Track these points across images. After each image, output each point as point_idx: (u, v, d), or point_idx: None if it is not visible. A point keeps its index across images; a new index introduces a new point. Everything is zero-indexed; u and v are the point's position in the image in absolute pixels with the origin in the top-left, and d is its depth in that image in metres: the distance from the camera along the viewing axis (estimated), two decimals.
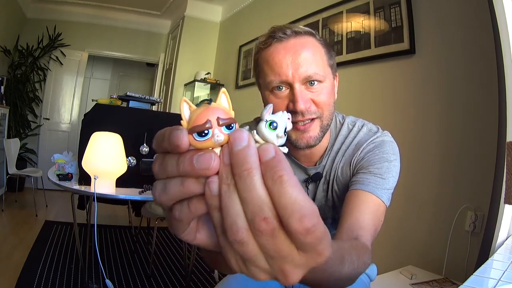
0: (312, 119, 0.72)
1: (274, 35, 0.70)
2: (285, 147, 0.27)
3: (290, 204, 0.23)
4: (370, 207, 0.68)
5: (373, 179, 0.72)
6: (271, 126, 0.26)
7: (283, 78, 0.70)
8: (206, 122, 0.24)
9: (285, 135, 0.26)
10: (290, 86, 0.70)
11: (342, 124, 0.85)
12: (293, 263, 0.25)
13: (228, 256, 0.27)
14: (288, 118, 0.27)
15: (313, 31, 0.74)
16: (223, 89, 0.27)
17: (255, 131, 0.26)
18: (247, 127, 0.26)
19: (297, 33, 0.71)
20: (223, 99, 0.27)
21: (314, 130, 0.73)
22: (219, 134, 0.24)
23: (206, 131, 0.24)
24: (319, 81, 0.72)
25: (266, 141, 0.26)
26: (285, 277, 0.26)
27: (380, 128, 0.84)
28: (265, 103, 0.74)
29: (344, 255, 0.47)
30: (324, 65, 0.73)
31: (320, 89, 0.72)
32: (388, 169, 0.75)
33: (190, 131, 0.25)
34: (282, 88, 0.71)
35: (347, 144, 0.81)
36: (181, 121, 0.26)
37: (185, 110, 0.26)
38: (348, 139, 0.81)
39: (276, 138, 0.26)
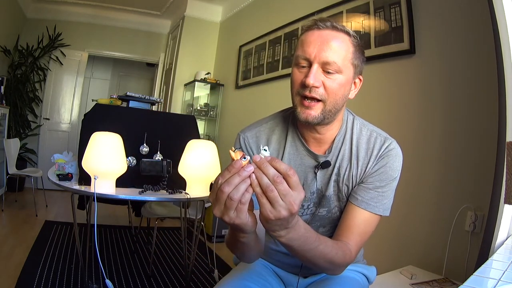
0: (317, 101, 0.81)
1: (316, 23, 0.81)
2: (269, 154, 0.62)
3: (284, 168, 0.58)
4: (362, 225, 0.85)
5: (376, 197, 0.86)
6: (265, 150, 0.61)
7: (306, 55, 0.80)
8: (243, 155, 0.60)
9: (268, 151, 0.62)
10: (310, 65, 0.80)
11: (353, 122, 0.92)
12: (292, 198, 0.58)
13: (262, 210, 0.59)
14: (266, 150, 0.62)
15: (351, 32, 0.83)
16: (238, 151, 0.62)
17: (260, 152, 0.61)
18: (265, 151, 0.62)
19: (334, 27, 0.81)
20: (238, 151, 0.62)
21: (315, 110, 0.81)
22: (247, 158, 0.60)
23: (244, 157, 0.59)
24: (336, 71, 0.80)
25: (264, 154, 0.61)
26: (292, 206, 0.58)
27: (387, 134, 0.92)
28: (291, 75, 0.85)
29: (320, 238, 0.73)
30: (345, 60, 0.81)
31: (334, 78, 0.80)
32: (390, 187, 0.88)
33: (240, 158, 0.59)
34: (305, 66, 0.81)
35: (360, 146, 0.90)
36: (232, 157, 0.61)
37: (233, 154, 0.61)
38: (362, 142, 0.90)
39: (267, 153, 0.61)
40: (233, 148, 0.62)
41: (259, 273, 0.98)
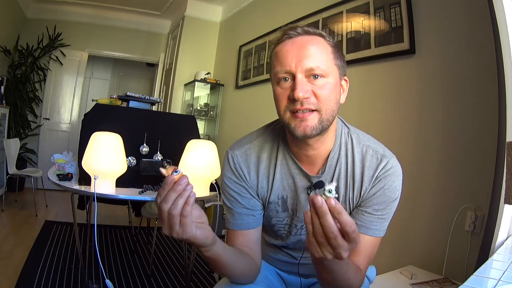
0: (312, 111, 0.74)
1: (286, 33, 0.76)
2: (336, 194, 0.56)
3: (346, 221, 0.55)
4: (368, 248, 0.83)
5: (376, 221, 0.82)
6: (330, 192, 0.55)
7: (287, 68, 0.74)
8: (175, 169, 0.61)
9: (333, 192, 0.55)
10: (293, 76, 0.74)
11: (347, 136, 0.85)
12: (344, 249, 0.56)
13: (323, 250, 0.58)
14: (330, 191, 0.55)
15: (324, 33, 0.78)
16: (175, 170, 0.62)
17: (324, 192, 0.56)
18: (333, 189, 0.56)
19: (306, 32, 0.76)
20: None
21: (312, 120, 0.74)
22: (179, 172, 0.61)
23: (176, 171, 0.60)
24: (322, 76, 0.74)
25: (328, 196, 0.55)
26: (342, 255, 0.56)
27: (385, 148, 0.84)
28: (274, 95, 0.78)
29: (349, 262, 0.73)
30: (328, 62, 0.75)
31: (323, 84, 0.74)
32: (391, 208, 0.83)
33: (172, 173, 0.61)
34: (287, 80, 0.75)
35: (355, 165, 0.82)
36: (164, 173, 0.62)
37: (164, 171, 0.62)
38: (356, 161, 0.82)
39: (332, 193, 0.55)
40: (167, 165, 0.64)
41: (260, 272, 0.98)
